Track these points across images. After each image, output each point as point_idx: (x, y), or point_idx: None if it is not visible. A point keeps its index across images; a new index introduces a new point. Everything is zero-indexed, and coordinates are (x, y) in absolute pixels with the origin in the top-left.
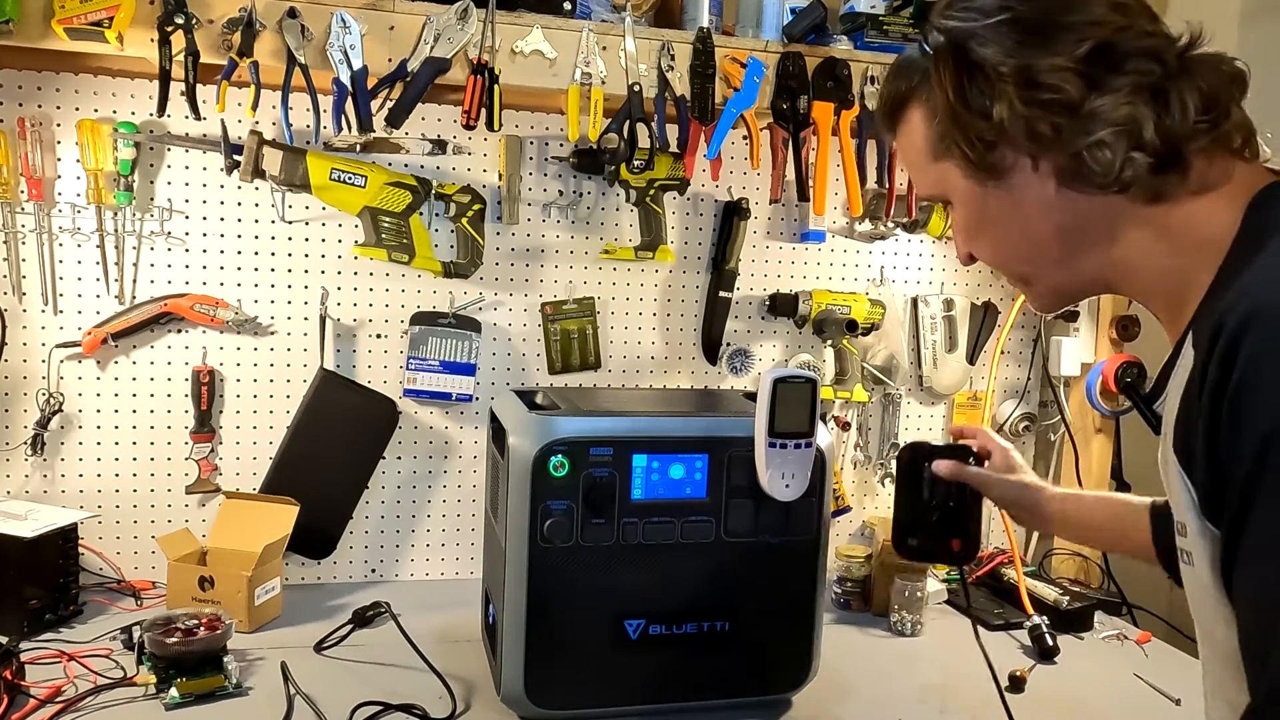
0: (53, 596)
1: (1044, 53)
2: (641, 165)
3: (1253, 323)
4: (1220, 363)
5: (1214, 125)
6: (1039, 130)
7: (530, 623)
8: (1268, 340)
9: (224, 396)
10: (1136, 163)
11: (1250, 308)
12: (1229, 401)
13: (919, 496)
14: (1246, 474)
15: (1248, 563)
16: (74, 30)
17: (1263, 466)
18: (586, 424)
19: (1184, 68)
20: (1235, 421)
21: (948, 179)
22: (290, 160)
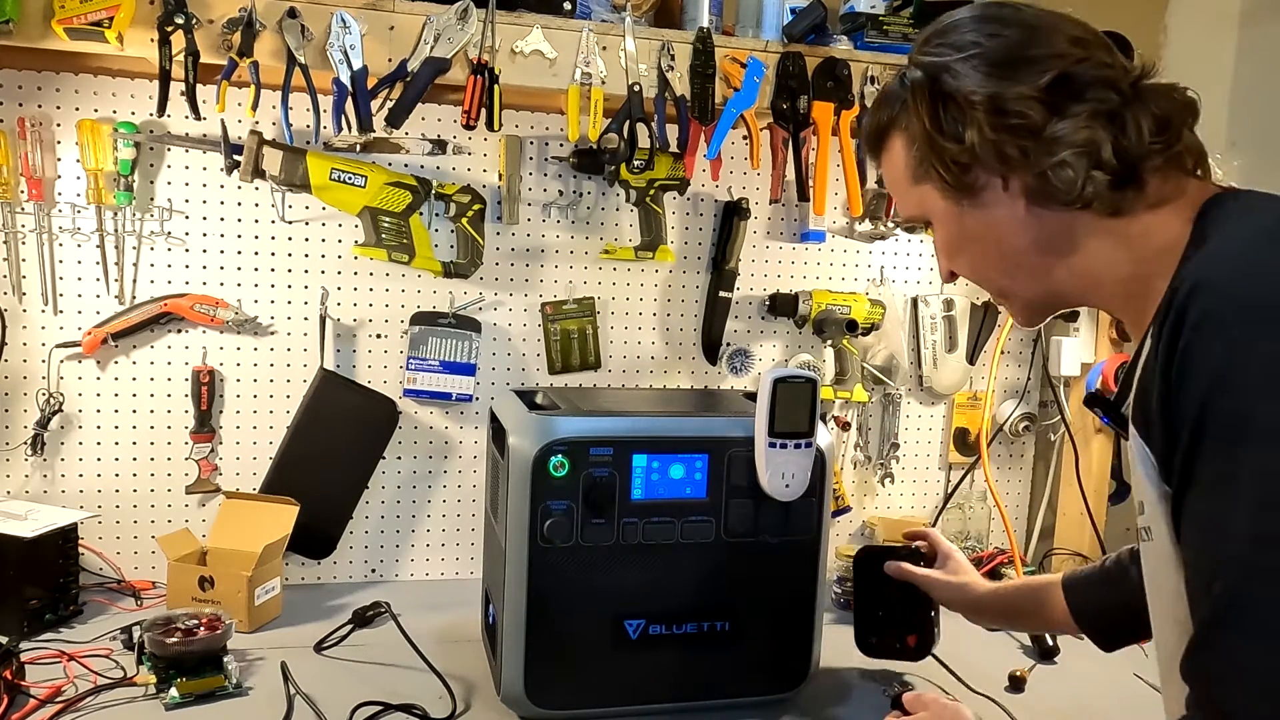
0: (53, 596)
1: (1011, 83)
2: (641, 165)
3: (1193, 297)
4: (1169, 335)
5: (1167, 146)
6: (1007, 153)
7: (530, 623)
8: (1205, 310)
9: (224, 396)
10: (1097, 180)
11: (1191, 285)
12: (1176, 368)
13: (874, 597)
14: (1190, 431)
15: (1193, 511)
16: (74, 30)
17: (1203, 423)
18: (586, 424)
19: (1138, 95)
20: (1181, 385)
21: (927, 200)
22: (290, 160)
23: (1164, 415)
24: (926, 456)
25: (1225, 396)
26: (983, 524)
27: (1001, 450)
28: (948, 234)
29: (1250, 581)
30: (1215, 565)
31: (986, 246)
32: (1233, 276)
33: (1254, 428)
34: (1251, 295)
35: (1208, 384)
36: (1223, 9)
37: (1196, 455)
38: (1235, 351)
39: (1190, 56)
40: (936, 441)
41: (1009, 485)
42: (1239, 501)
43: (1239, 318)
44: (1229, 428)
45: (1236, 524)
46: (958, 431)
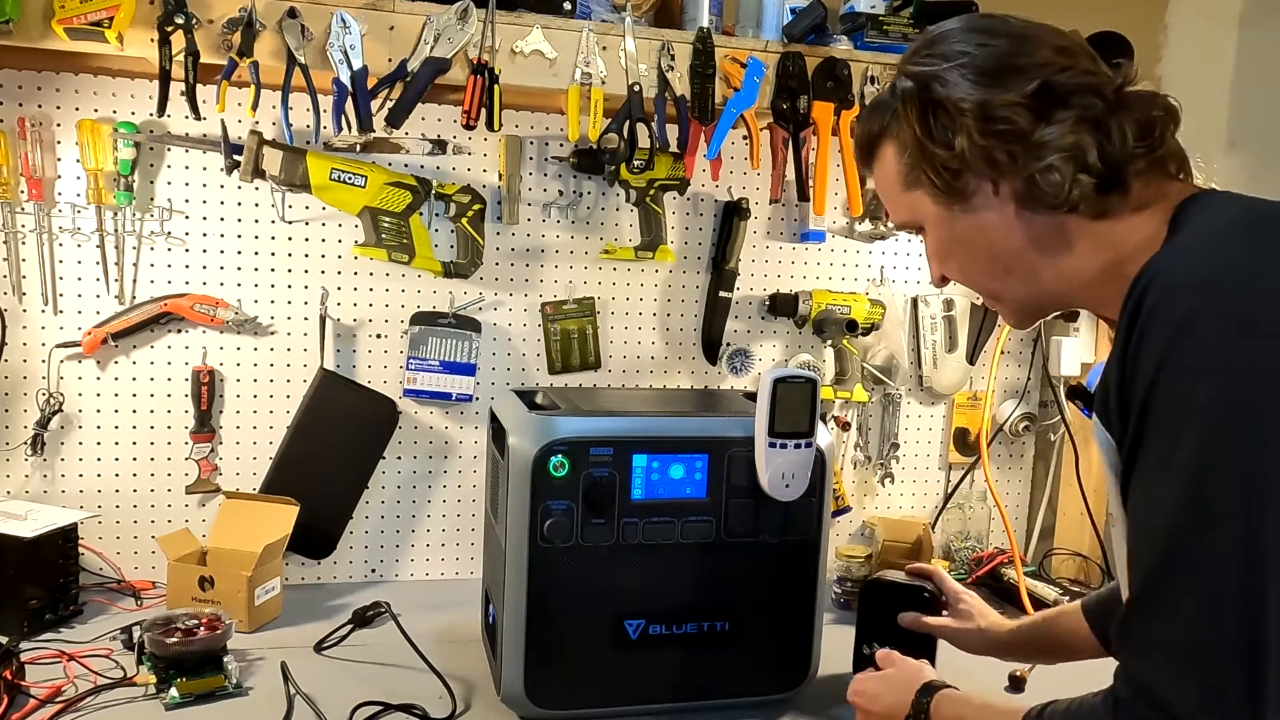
0: (53, 596)
1: (998, 90)
2: (641, 165)
3: (1148, 288)
4: (1125, 325)
5: (1150, 150)
6: (996, 157)
7: (530, 623)
8: (1157, 301)
9: (224, 396)
10: (1083, 184)
11: (1148, 277)
12: (1129, 355)
13: (877, 631)
14: (1137, 413)
15: (1135, 489)
16: (74, 30)
17: (1147, 406)
18: (586, 424)
19: (1121, 102)
20: (1134, 371)
21: (919, 206)
22: (290, 160)
23: (1120, 401)
24: (926, 456)
25: (1167, 379)
26: (983, 524)
27: (1001, 450)
28: (939, 239)
29: (1174, 557)
30: (1145, 540)
31: (977, 250)
32: (1183, 266)
33: (1190, 408)
34: (1196, 282)
35: (1154, 368)
36: (1223, 9)
37: (1142, 437)
38: (1178, 335)
39: (1190, 56)
40: (936, 441)
41: (1009, 485)
42: (1170, 479)
43: (1183, 304)
44: (1169, 409)
45: (1166, 502)
46: (958, 431)
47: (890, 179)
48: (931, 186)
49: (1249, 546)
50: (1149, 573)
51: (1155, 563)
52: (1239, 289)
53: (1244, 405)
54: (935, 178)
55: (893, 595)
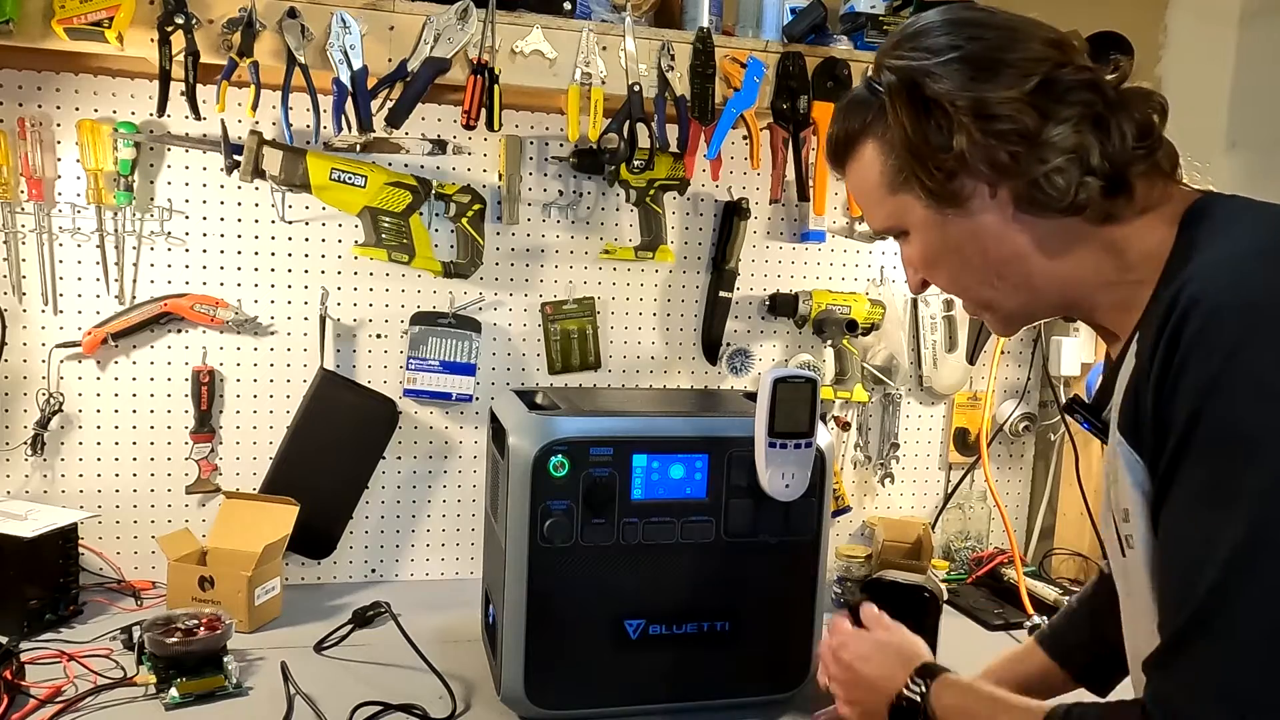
0: (53, 596)
1: (993, 86)
2: (641, 165)
3: (1191, 312)
4: (1166, 346)
5: (1150, 151)
6: (998, 159)
7: (530, 623)
8: (1201, 325)
9: (224, 396)
10: (1089, 186)
11: (1190, 297)
12: (1172, 377)
13: None
14: (1179, 436)
15: (1176, 514)
16: (74, 30)
17: (1193, 429)
18: (586, 424)
19: (1120, 99)
20: (1175, 393)
21: (906, 210)
22: (290, 160)
23: (1156, 422)
24: (926, 456)
25: (1218, 404)
26: (983, 524)
27: (1001, 450)
28: (927, 244)
29: (1230, 594)
30: (1196, 572)
31: (969, 256)
32: (1225, 287)
33: (1244, 437)
34: (1241, 305)
35: (1201, 392)
36: (1223, 9)
37: (1183, 459)
38: (1231, 361)
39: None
40: (936, 441)
41: (1009, 485)
42: (1229, 509)
43: (1230, 329)
44: (1219, 435)
45: (1221, 533)
46: (958, 431)
47: (871, 181)
48: (923, 189)
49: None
50: (1202, 602)
51: (1206, 597)
52: None
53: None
54: (929, 180)
55: (893, 595)
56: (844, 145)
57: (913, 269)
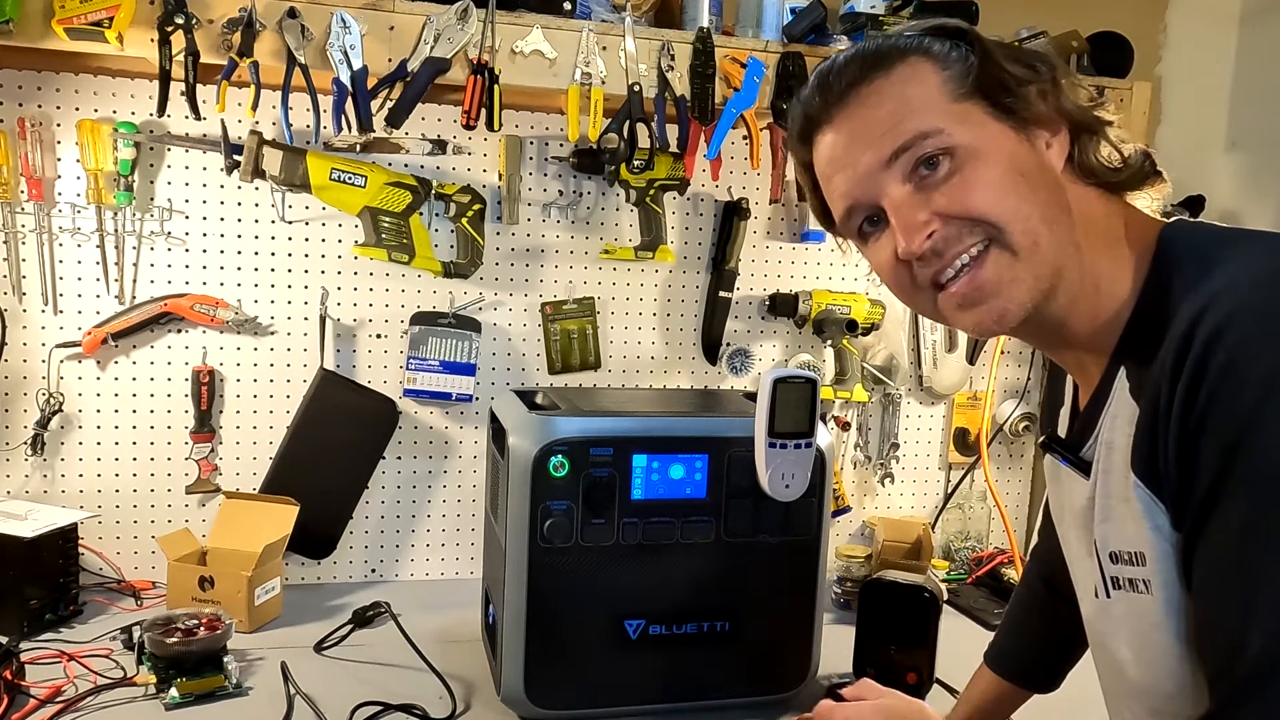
0: (53, 596)
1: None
2: (641, 165)
3: (1217, 343)
4: (1190, 382)
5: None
6: (1067, 109)
7: (530, 623)
8: (1231, 357)
9: (224, 396)
10: (1130, 163)
11: (1211, 330)
12: (1198, 414)
13: (877, 630)
14: (1213, 476)
15: (1216, 559)
16: (74, 30)
17: (1229, 469)
18: (586, 424)
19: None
20: (1202, 432)
21: (971, 117)
22: (290, 160)
23: (1182, 461)
24: (926, 456)
25: (1259, 438)
26: (983, 524)
27: (1001, 450)
28: (995, 160)
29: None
30: (1247, 621)
31: (1039, 188)
32: (1256, 316)
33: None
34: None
35: (1239, 426)
36: (1223, 9)
37: (1220, 497)
38: (1270, 391)
39: (1190, 56)
40: (936, 441)
41: (1009, 485)
42: (1275, 552)
43: (1266, 359)
44: (1263, 471)
45: (1272, 576)
46: (958, 431)
47: (921, 88)
48: (991, 105)
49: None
50: (1259, 659)
51: (1265, 645)
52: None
53: None
54: (1004, 96)
55: (893, 595)
56: (878, 58)
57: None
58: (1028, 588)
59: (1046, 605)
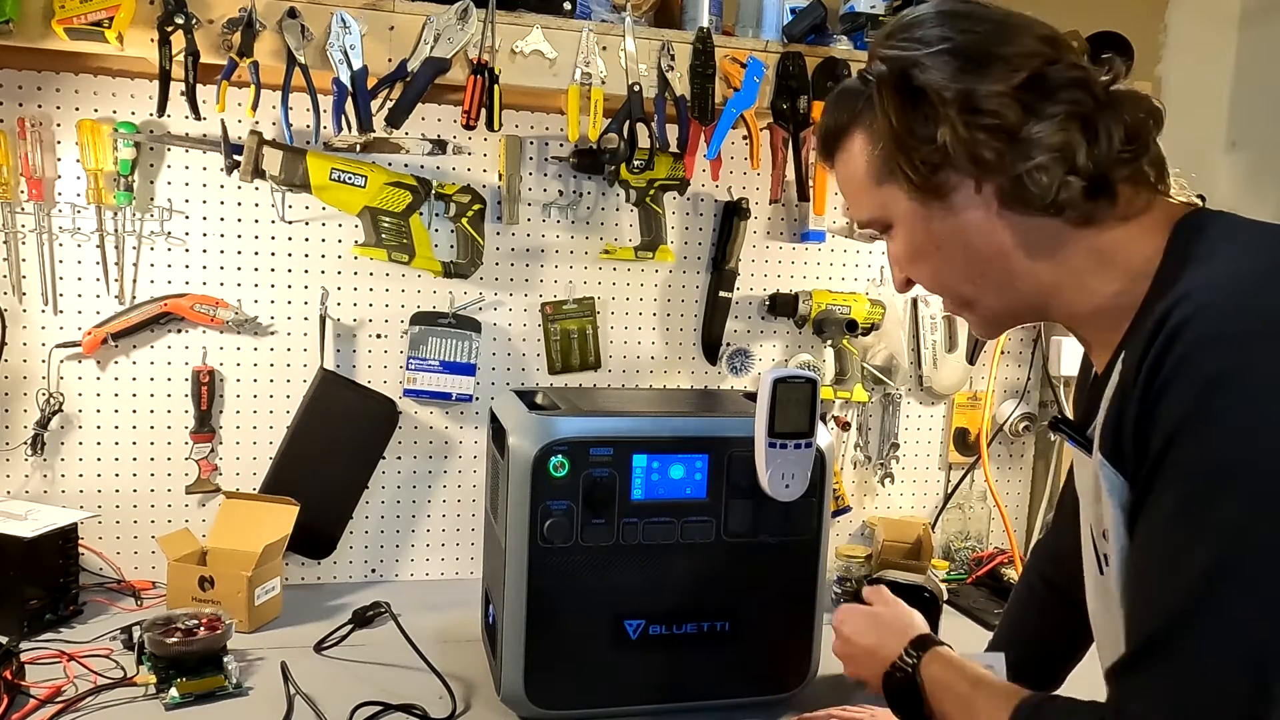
0: (53, 596)
1: (983, 80)
2: (641, 165)
3: (1178, 336)
4: (1152, 363)
5: (1135, 156)
6: (981, 154)
7: (530, 623)
8: (1186, 352)
9: (224, 396)
10: (1071, 186)
11: (1177, 323)
12: (1151, 401)
13: None
14: (1152, 461)
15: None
16: (74, 30)
17: (1164, 459)
18: (586, 424)
19: (1110, 100)
20: (1153, 419)
21: (892, 203)
22: (290, 160)
23: (1136, 441)
24: (926, 456)
25: (1195, 433)
26: (983, 524)
27: (1001, 450)
28: (912, 239)
29: (1191, 621)
30: (1163, 592)
31: (953, 252)
32: (1215, 315)
33: (1218, 469)
34: (1229, 335)
35: (1176, 422)
36: (1223, 9)
37: (1156, 480)
38: (1209, 393)
39: (1190, 56)
40: (936, 441)
41: (1009, 485)
42: (1193, 539)
43: (1215, 358)
44: (1194, 464)
45: (1188, 560)
46: (958, 431)
47: (858, 173)
48: (907, 182)
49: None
50: (1166, 623)
51: (1172, 616)
52: (1273, 349)
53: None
54: (913, 172)
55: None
56: (833, 135)
57: (897, 266)
58: (1027, 586)
59: (1045, 604)
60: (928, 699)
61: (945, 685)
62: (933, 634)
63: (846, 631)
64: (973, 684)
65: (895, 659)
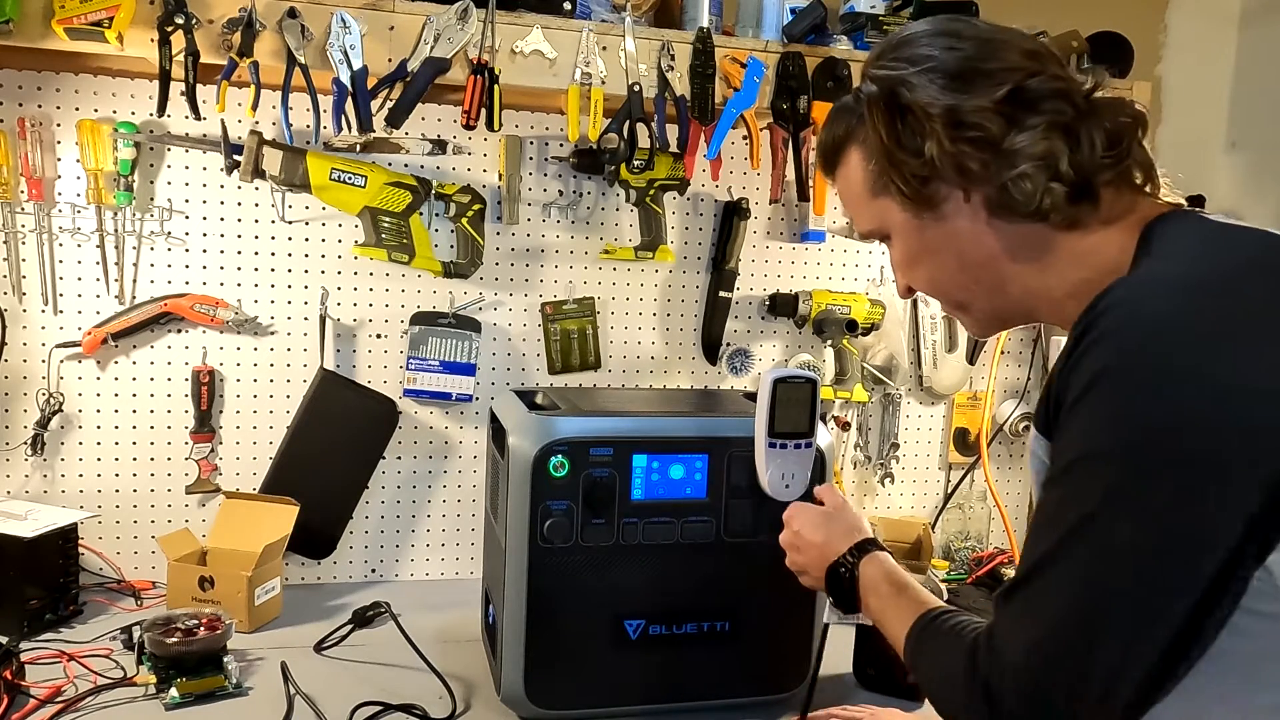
0: (53, 596)
1: (967, 95)
2: (641, 165)
3: (1092, 326)
4: (1067, 352)
5: (1118, 160)
6: (967, 165)
7: (530, 623)
8: (1092, 341)
9: (224, 396)
10: (1054, 192)
11: (1098, 313)
12: (1063, 380)
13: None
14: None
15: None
16: (74, 30)
17: (1061, 428)
18: (586, 424)
19: (1091, 108)
20: (1063, 396)
21: (887, 214)
22: (290, 160)
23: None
24: (926, 456)
25: (1081, 414)
26: (983, 524)
27: (1001, 450)
28: (907, 247)
29: (1054, 566)
30: (1039, 537)
31: (946, 259)
32: (1128, 315)
33: (1097, 449)
34: (1126, 333)
35: (1073, 399)
36: (1223, 9)
37: (1055, 444)
38: (1099, 380)
39: (1190, 56)
40: (936, 441)
41: (1009, 485)
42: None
43: (1110, 349)
44: (1078, 440)
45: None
46: (958, 431)
47: (856, 186)
48: (899, 194)
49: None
50: (1035, 563)
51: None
52: (1158, 349)
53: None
54: (904, 185)
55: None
56: (831, 152)
57: (898, 273)
58: None
59: None
60: (860, 594)
61: (874, 586)
62: (876, 539)
63: (796, 526)
64: (897, 589)
65: (839, 556)
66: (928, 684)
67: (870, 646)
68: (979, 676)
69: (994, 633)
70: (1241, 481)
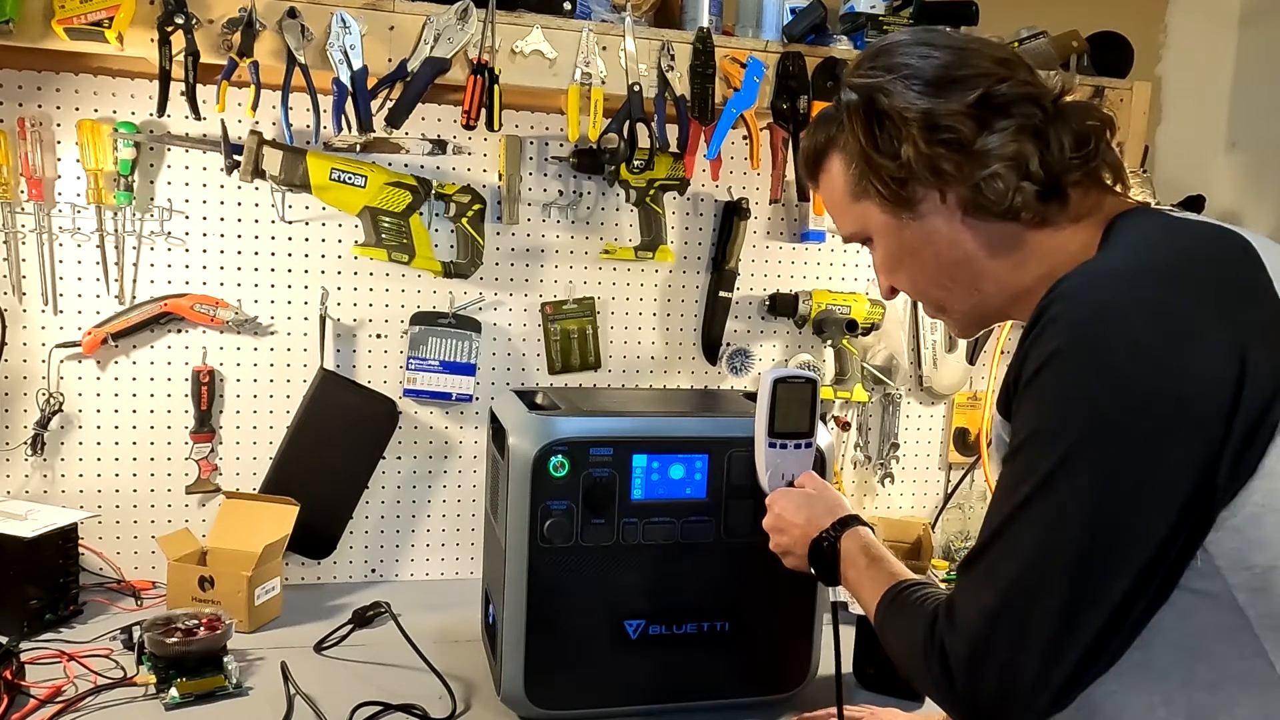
0: (53, 596)
1: (941, 100)
2: (641, 165)
3: (1043, 314)
4: (1021, 340)
5: (1086, 161)
6: (942, 166)
7: (530, 623)
8: (1043, 327)
9: (224, 396)
10: (1025, 191)
11: (1051, 299)
12: (1016, 365)
13: None
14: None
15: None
16: (74, 30)
17: (1016, 410)
18: (586, 424)
19: (1059, 112)
20: (1016, 382)
21: (868, 217)
22: (290, 160)
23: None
24: (926, 456)
25: (1032, 396)
26: None
27: None
28: (888, 249)
29: (1005, 540)
30: (994, 511)
31: (925, 259)
32: (1072, 302)
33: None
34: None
35: (1025, 382)
36: (1223, 9)
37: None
38: (1044, 365)
39: (1190, 56)
40: (936, 441)
41: None
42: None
43: (1059, 335)
44: (1030, 421)
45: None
46: (958, 431)
47: (837, 191)
48: (879, 196)
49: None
50: (989, 537)
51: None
52: (1103, 332)
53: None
54: (883, 187)
55: None
56: (813, 158)
57: (881, 274)
58: None
59: None
60: (840, 568)
61: (852, 558)
62: (858, 515)
63: (779, 509)
64: (872, 561)
65: (821, 531)
66: (893, 653)
67: (870, 646)
68: (935, 643)
69: (952, 601)
70: (1179, 460)
